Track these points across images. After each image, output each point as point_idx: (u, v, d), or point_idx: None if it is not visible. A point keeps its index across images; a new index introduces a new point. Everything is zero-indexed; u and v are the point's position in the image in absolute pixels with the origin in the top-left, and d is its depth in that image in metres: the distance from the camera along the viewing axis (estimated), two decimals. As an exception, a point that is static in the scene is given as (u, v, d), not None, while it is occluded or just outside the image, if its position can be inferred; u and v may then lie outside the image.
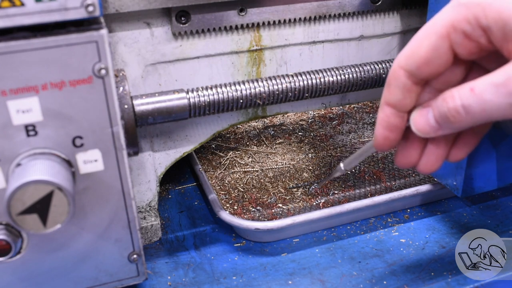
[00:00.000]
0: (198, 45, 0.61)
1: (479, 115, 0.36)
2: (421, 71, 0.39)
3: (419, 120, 0.41)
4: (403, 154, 0.45)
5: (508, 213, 0.71)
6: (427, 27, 0.39)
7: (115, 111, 0.45)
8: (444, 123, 0.39)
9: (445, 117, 0.38)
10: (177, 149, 0.66)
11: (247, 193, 0.75)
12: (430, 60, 0.39)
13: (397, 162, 0.46)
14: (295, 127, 0.94)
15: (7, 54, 0.40)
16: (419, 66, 0.39)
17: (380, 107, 0.43)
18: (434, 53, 0.38)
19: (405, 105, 0.41)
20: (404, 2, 0.68)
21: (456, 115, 0.37)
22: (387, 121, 0.42)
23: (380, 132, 0.43)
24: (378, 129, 0.43)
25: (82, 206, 0.48)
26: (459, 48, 0.38)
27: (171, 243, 0.68)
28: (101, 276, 0.53)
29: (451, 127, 0.39)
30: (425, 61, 0.39)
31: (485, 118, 0.36)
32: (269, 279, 0.61)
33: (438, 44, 0.38)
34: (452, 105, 0.37)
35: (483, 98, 0.35)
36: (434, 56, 0.38)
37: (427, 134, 0.41)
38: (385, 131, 0.43)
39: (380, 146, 0.44)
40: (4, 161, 0.44)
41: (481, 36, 0.36)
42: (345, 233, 0.68)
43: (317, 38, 0.66)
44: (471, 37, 0.37)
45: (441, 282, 0.59)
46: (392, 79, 0.41)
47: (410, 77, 0.40)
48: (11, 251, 0.46)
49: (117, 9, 0.52)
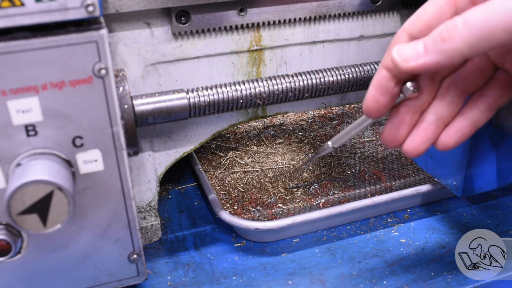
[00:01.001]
0: (198, 45, 0.61)
1: (480, 32, 0.34)
2: (422, 35, 0.39)
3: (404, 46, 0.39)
4: (392, 131, 0.45)
5: (508, 213, 0.71)
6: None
7: (115, 111, 0.45)
8: (433, 44, 0.36)
9: (438, 35, 0.36)
10: (177, 149, 0.66)
11: (247, 193, 0.75)
12: (432, 25, 0.38)
13: (383, 139, 0.45)
14: (295, 127, 0.94)
15: (7, 54, 0.40)
16: (421, 30, 0.39)
17: (377, 71, 0.42)
18: (438, 17, 0.38)
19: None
20: (404, 2, 0.68)
21: (452, 29, 0.35)
22: (380, 82, 0.42)
23: (372, 94, 0.42)
24: (370, 90, 0.43)
25: (82, 206, 0.48)
26: None
27: (171, 243, 0.68)
28: (101, 276, 0.53)
29: (440, 49, 0.36)
30: (427, 25, 0.38)
31: (482, 36, 0.34)
32: (269, 279, 0.61)
33: (443, 9, 0.38)
34: (451, 22, 0.36)
35: (490, 6, 0.34)
36: (437, 20, 0.38)
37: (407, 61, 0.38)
38: (376, 93, 0.42)
39: (368, 109, 0.43)
40: (4, 161, 0.44)
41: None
42: (345, 233, 0.68)
43: (317, 38, 0.66)
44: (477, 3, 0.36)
45: (441, 282, 0.59)
46: (393, 41, 0.41)
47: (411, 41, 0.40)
48: (11, 251, 0.46)
49: (117, 9, 0.52)
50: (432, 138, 0.44)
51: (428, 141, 0.44)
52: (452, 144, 0.44)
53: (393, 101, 0.43)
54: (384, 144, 0.46)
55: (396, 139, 0.45)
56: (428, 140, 0.44)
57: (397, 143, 0.45)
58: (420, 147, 0.44)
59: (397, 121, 0.44)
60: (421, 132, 0.44)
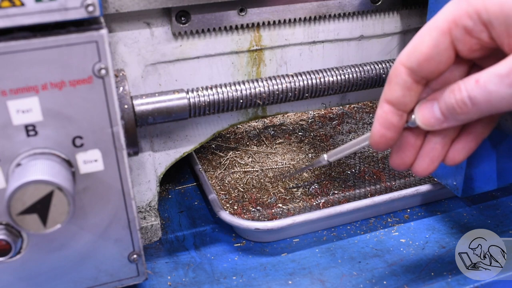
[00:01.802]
0: (198, 45, 0.61)
1: (485, 106, 0.36)
2: (422, 68, 0.39)
3: (424, 112, 0.41)
4: (399, 155, 0.45)
5: (508, 213, 0.71)
6: (429, 24, 0.39)
7: (115, 111, 0.45)
8: (450, 114, 0.39)
9: (451, 109, 0.38)
10: (177, 149, 0.66)
11: (247, 193, 0.75)
12: (431, 57, 0.38)
13: (392, 163, 0.46)
14: (295, 127, 0.94)
15: (7, 54, 0.40)
16: (420, 63, 0.39)
17: (379, 104, 0.42)
18: (435, 49, 0.38)
19: (404, 103, 0.41)
20: (404, 2, 0.68)
21: (463, 106, 0.37)
22: (385, 118, 0.42)
23: (377, 130, 0.43)
24: (375, 126, 0.43)
25: (82, 206, 0.48)
26: (460, 44, 0.38)
27: (171, 243, 0.68)
28: (101, 276, 0.53)
29: (457, 118, 0.39)
30: (426, 58, 0.39)
31: (491, 109, 0.36)
32: (269, 279, 0.61)
33: (440, 40, 0.38)
34: (459, 96, 0.37)
35: (488, 89, 0.35)
36: (435, 52, 0.38)
37: (432, 127, 0.41)
38: (382, 128, 0.42)
39: (376, 144, 0.43)
40: (4, 161, 0.44)
41: (482, 32, 0.36)
42: (345, 233, 0.68)
43: (317, 38, 0.66)
44: (472, 33, 0.37)
45: (441, 282, 0.59)
46: (393, 76, 0.41)
47: (411, 75, 0.40)
48: (11, 251, 0.46)
49: (117, 9, 0.52)
50: (440, 156, 0.44)
51: (437, 161, 0.44)
52: (460, 160, 0.45)
53: (400, 133, 0.43)
54: (393, 167, 0.47)
55: (405, 162, 0.45)
56: (437, 160, 0.44)
57: (406, 166, 0.46)
58: (430, 167, 0.45)
59: (403, 145, 0.45)
60: (429, 152, 0.44)
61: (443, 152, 0.44)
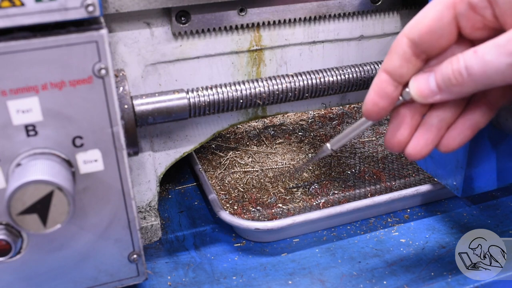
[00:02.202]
0: (198, 45, 0.61)
1: (480, 78, 0.36)
2: (423, 41, 0.39)
3: (419, 82, 0.41)
4: (394, 133, 0.45)
5: (508, 213, 0.71)
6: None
7: (115, 111, 0.45)
8: (445, 86, 0.39)
9: (447, 79, 0.38)
10: (177, 149, 0.66)
11: (247, 193, 0.75)
12: (433, 30, 0.39)
13: (386, 142, 0.46)
14: (295, 127, 0.94)
15: (7, 54, 0.40)
16: (421, 35, 0.39)
17: (377, 74, 0.43)
18: (438, 22, 0.38)
19: (401, 74, 0.41)
20: (404, 2, 0.68)
21: (459, 76, 0.37)
22: (380, 86, 0.42)
23: (371, 97, 0.43)
24: (369, 93, 0.43)
25: (82, 206, 0.48)
26: (464, 20, 0.38)
27: (171, 243, 0.68)
28: (101, 276, 0.53)
29: (452, 90, 0.39)
30: (428, 30, 0.39)
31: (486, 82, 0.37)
32: (269, 279, 0.61)
33: (443, 14, 0.38)
34: (456, 66, 0.38)
35: (484, 59, 0.36)
36: (437, 25, 0.39)
37: (425, 98, 0.41)
38: (376, 96, 0.42)
39: (367, 112, 0.43)
40: (4, 161, 0.44)
41: (486, 8, 0.37)
42: (345, 233, 0.68)
43: (317, 38, 0.66)
44: (476, 9, 0.37)
45: (441, 282, 0.59)
46: (394, 46, 0.41)
47: (412, 46, 0.40)
48: (11, 251, 0.46)
49: (117, 9, 0.52)
50: (434, 140, 0.44)
51: (431, 144, 0.44)
52: (454, 147, 0.44)
53: (393, 104, 0.43)
54: (387, 148, 0.46)
55: (399, 141, 0.45)
56: (431, 143, 0.44)
57: (400, 146, 0.45)
58: (423, 150, 0.44)
59: (398, 123, 0.44)
60: (424, 134, 0.44)
61: (438, 136, 0.44)
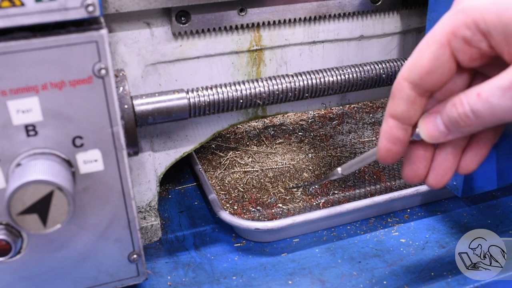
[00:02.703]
0: (198, 45, 0.61)
1: (489, 119, 0.36)
2: (425, 82, 0.39)
3: (428, 126, 0.41)
4: (410, 168, 0.45)
5: (508, 213, 0.71)
6: (427, 37, 0.39)
7: (115, 111, 0.45)
8: (453, 127, 0.39)
9: (455, 122, 0.38)
10: (177, 149, 0.66)
11: (247, 193, 0.75)
12: (432, 70, 0.38)
13: (405, 177, 0.46)
14: (295, 127, 0.94)
15: (7, 54, 0.40)
16: (422, 77, 0.39)
17: (384, 120, 0.42)
18: (436, 62, 0.38)
19: (409, 117, 0.41)
20: (404, 2, 0.68)
21: (466, 119, 0.37)
22: (391, 133, 0.42)
23: (384, 145, 0.43)
24: (381, 141, 0.43)
25: (82, 206, 0.48)
26: (460, 55, 0.38)
27: (171, 243, 0.68)
28: (101, 276, 0.53)
29: (461, 131, 0.39)
30: (427, 71, 0.38)
31: (495, 121, 0.36)
32: (269, 279, 0.61)
33: (439, 53, 0.38)
34: (462, 110, 0.37)
35: (490, 102, 0.35)
36: (436, 65, 0.38)
37: (436, 140, 0.41)
38: (389, 143, 0.42)
39: (383, 159, 0.43)
40: (4, 161, 0.44)
41: (481, 41, 0.36)
42: (345, 233, 0.68)
43: (317, 38, 0.66)
44: (472, 43, 0.37)
45: (441, 282, 0.59)
46: (396, 91, 0.41)
47: (414, 89, 0.40)
48: (11, 251, 0.46)
49: (117, 9, 0.52)
50: (453, 167, 0.44)
51: (450, 171, 0.44)
52: (474, 167, 0.44)
53: (406, 145, 0.43)
54: (407, 181, 0.46)
55: (417, 175, 0.45)
56: (450, 170, 0.44)
57: (419, 179, 0.45)
58: (444, 178, 0.44)
59: (413, 158, 0.44)
60: (442, 163, 0.44)
61: (455, 162, 0.44)
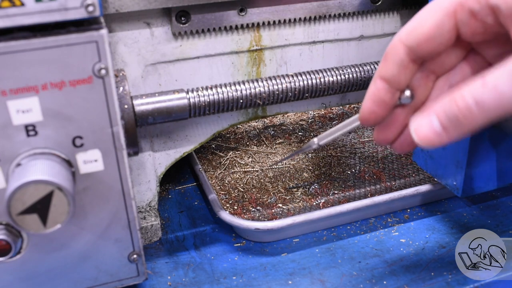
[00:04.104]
0: (198, 45, 0.61)
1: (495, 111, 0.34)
2: (421, 48, 0.38)
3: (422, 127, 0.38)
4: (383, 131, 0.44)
5: (508, 213, 0.71)
6: (433, 3, 0.38)
7: (115, 111, 0.45)
8: (452, 125, 0.36)
9: (454, 119, 0.36)
10: (177, 149, 0.66)
11: (247, 193, 0.75)
12: (432, 37, 0.38)
13: (376, 138, 0.45)
14: (295, 127, 0.94)
15: (7, 54, 0.40)
16: (420, 42, 0.38)
17: (372, 80, 0.42)
18: (438, 30, 0.37)
19: (398, 81, 0.40)
20: (404, 2, 0.68)
21: (468, 114, 0.35)
22: (377, 95, 0.41)
23: (368, 106, 0.42)
24: (366, 102, 0.42)
25: (82, 206, 0.48)
26: (464, 27, 0.37)
27: (171, 243, 0.68)
28: (101, 276, 0.53)
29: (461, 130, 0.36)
30: (427, 38, 0.38)
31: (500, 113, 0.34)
32: (269, 279, 0.61)
33: (443, 21, 0.37)
34: (463, 104, 0.35)
35: (499, 90, 0.33)
36: (437, 33, 0.37)
37: (431, 143, 0.37)
38: (373, 105, 0.41)
39: (365, 120, 0.43)
40: (4, 161, 0.44)
41: (488, 15, 0.35)
42: (345, 233, 0.68)
43: (317, 38, 0.66)
44: (478, 16, 0.36)
45: (441, 282, 0.59)
46: (390, 53, 0.40)
47: (409, 53, 0.39)
48: (11, 251, 0.46)
49: (117, 9, 0.52)
50: None
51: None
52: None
53: (390, 110, 0.42)
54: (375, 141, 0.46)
55: (387, 138, 0.45)
56: None
57: (388, 142, 0.45)
58: (410, 146, 0.44)
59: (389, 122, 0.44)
60: None
61: None
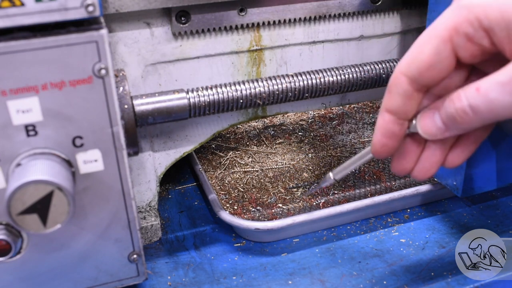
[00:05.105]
0: (198, 45, 0.61)
1: (487, 115, 0.36)
2: (423, 77, 0.39)
3: (426, 122, 0.41)
4: (400, 161, 0.45)
5: (508, 213, 0.71)
6: (428, 32, 0.38)
7: (115, 111, 0.45)
8: (451, 124, 0.39)
9: (452, 118, 0.38)
10: (177, 149, 0.66)
11: (247, 193, 0.75)
12: (432, 65, 0.38)
13: (393, 169, 0.46)
14: (295, 127, 0.94)
15: (7, 54, 0.40)
16: (421, 72, 0.39)
17: (379, 113, 0.42)
18: (437, 57, 0.38)
19: (405, 112, 0.41)
20: (404, 2, 0.68)
21: (464, 115, 0.37)
22: (386, 128, 0.42)
23: (379, 139, 0.43)
24: (376, 135, 0.43)
25: (82, 206, 0.48)
26: (462, 51, 0.37)
27: (171, 243, 0.68)
28: (101, 276, 0.53)
29: (459, 127, 0.39)
30: (427, 66, 0.38)
31: (492, 117, 0.36)
32: (269, 279, 0.61)
33: (441, 48, 0.37)
34: (460, 105, 0.37)
35: (489, 97, 0.35)
36: (436, 60, 0.38)
37: (434, 136, 0.41)
38: (384, 138, 0.42)
39: (377, 153, 0.44)
40: (4, 161, 0.44)
41: (484, 38, 0.36)
42: (345, 233, 0.68)
43: (317, 38, 0.66)
44: (474, 39, 0.36)
45: (441, 282, 0.59)
46: (393, 85, 0.41)
47: (412, 84, 0.39)
48: (11, 251, 0.46)
49: (117, 9, 0.52)
50: (440, 161, 0.44)
51: (436, 165, 0.45)
52: (459, 163, 0.45)
53: (401, 140, 0.43)
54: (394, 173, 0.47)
55: (405, 168, 0.45)
56: (436, 165, 0.44)
57: (407, 171, 0.46)
58: (429, 172, 0.45)
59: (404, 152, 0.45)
60: (429, 158, 0.44)
61: (442, 157, 0.44)
